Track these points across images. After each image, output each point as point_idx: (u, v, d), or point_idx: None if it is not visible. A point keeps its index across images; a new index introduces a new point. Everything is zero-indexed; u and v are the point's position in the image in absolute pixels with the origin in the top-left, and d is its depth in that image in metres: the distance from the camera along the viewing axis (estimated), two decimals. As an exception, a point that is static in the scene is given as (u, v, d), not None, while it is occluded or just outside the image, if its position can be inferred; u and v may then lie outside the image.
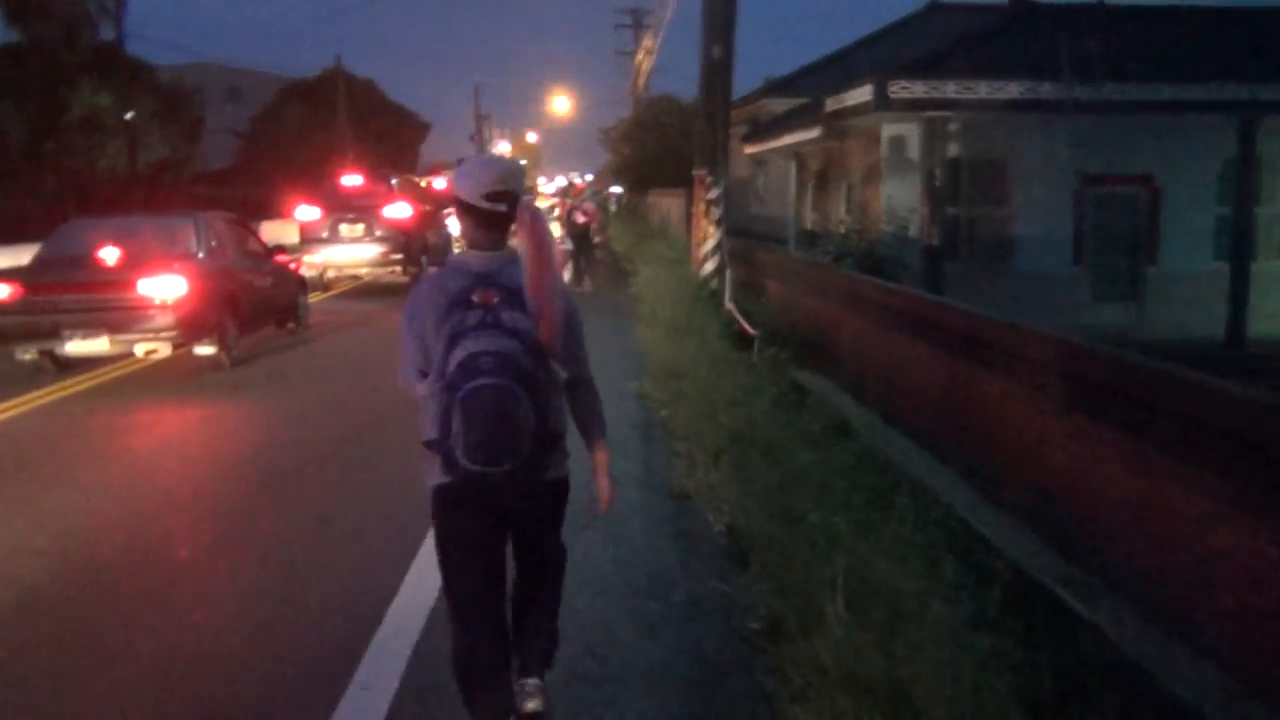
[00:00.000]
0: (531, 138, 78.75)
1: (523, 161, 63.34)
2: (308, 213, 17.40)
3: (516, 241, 2.92)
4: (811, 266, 12.43)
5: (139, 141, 35.55)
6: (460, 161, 4.80)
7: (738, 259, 14.75)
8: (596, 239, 21.21)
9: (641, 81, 45.04)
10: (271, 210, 33.20)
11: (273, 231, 27.21)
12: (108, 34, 34.32)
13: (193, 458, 7.25)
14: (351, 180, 18.03)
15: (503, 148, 67.51)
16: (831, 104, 16.10)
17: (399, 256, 17.10)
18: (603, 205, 31.16)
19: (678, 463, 6.72)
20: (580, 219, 19.01)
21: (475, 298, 2.77)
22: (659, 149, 39.01)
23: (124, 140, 34.12)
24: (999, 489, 6.58)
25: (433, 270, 3.14)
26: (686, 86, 50.16)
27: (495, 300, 2.77)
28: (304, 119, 49.46)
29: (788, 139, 19.66)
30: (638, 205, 43.18)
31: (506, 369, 2.68)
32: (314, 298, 16.75)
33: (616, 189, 51.22)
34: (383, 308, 15.71)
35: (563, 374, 2.99)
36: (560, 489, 3.07)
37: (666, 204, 32.01)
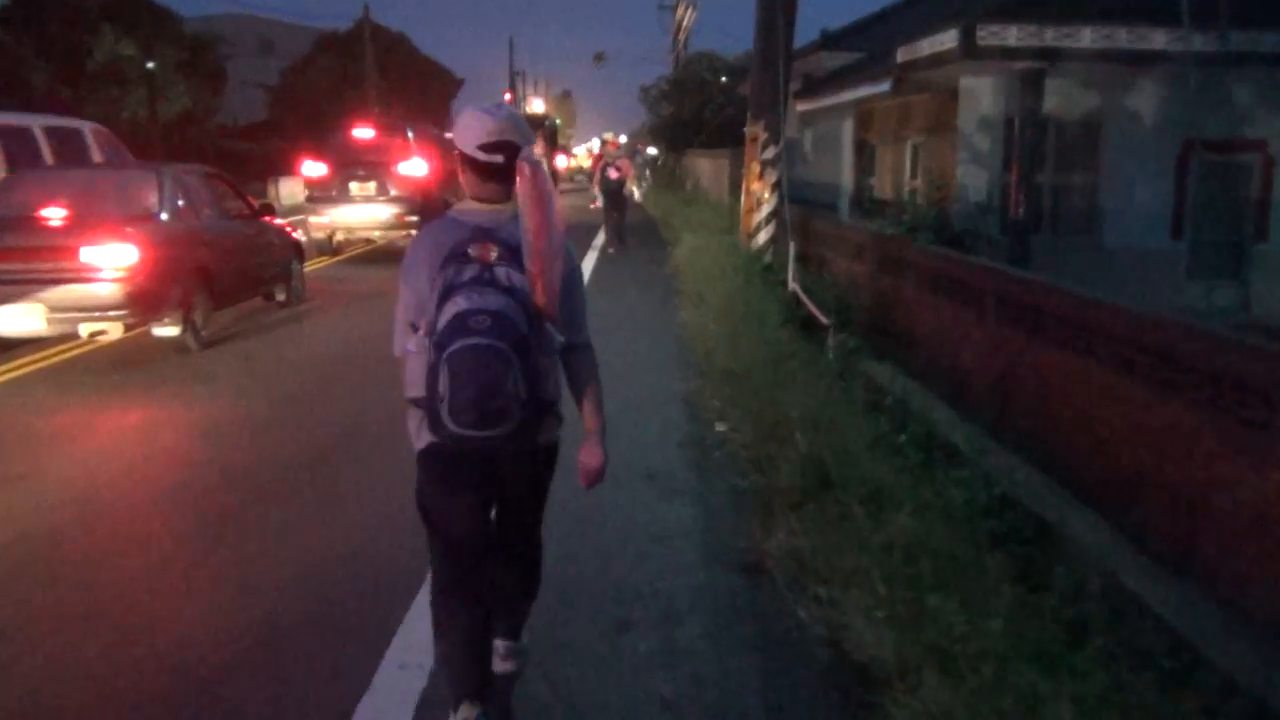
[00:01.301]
0: (567, 96, 76.49)
1: (558, 120, 61.43)
2: (314, 169, 15.66)
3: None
4: (886, 240, 10.60)
5: (162, 92, 34.16)
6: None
7: (791, 228, 12.91)
8: (636, 195, 19.71)
9: (683, 37, 43.07)
10: (294, 166, 31.71)
11: (290, 188, 25.66)
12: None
13: (105, 485, 5.48)
14: (363, 133, 16.19)
15: (537, 106, 65.46)
16: (905, 54, 14.15)
17: (415, 219, 15.27)
18: (643, 164, 29.47)
19: (747, 510, 5.01)
20: (614, 175, 17.39)
21: (472, 252, 2.63)
22: (699, 109, 37.14)
23: (146, 91, 32.70)
24: (1190, 560, 4.83)
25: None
26: (728, 45, 48.13)
27: (493, 256, 2.63)
28: (336, 73, 47.83)
29: (849, 94, 17.69)
30: (676, 167, 41.21)
31: (498, 330, 2.53)
32: (319, 263, 15.14)
33: (652, 150, 49.30)
34: (394, 277, 13.86)
35: (559, 338, 2.75)
36: (548, 454, 2.91)
37: (708, 166, 30.07)
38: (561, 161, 51.33)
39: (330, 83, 47.30)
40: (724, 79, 36.88)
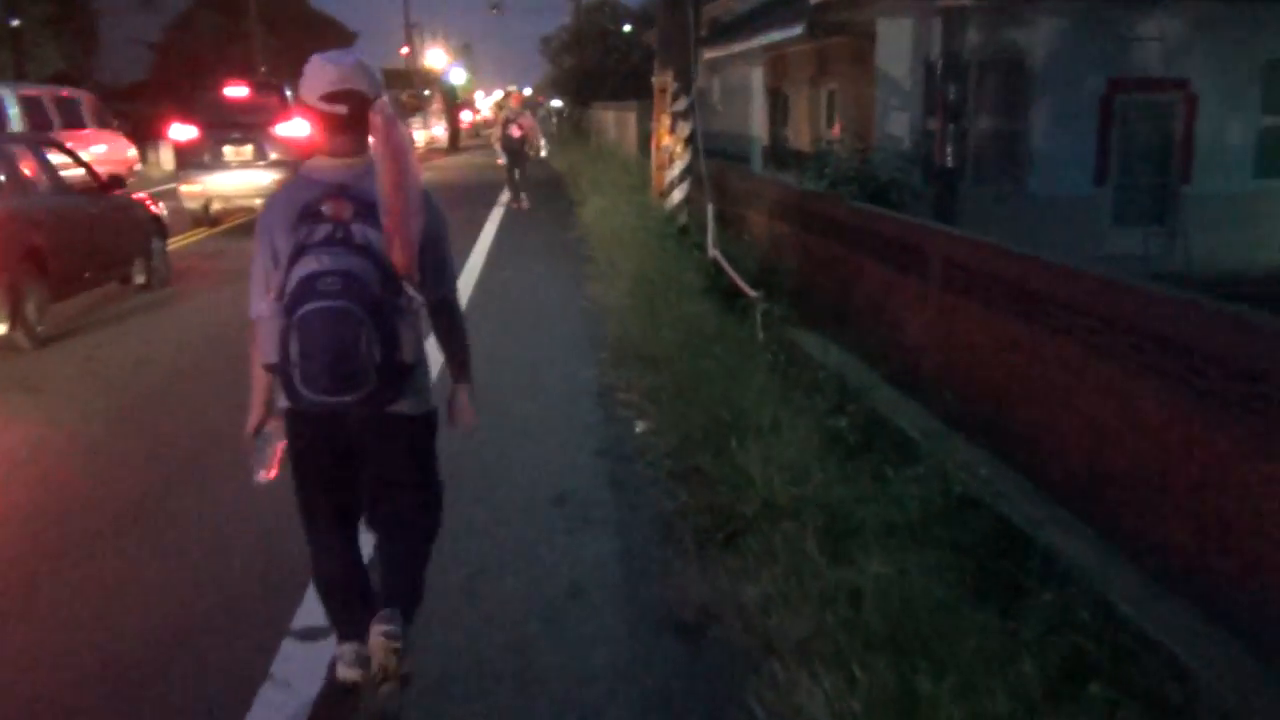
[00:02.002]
0: (467, 49, 74.07)
1: (459, 75, 59.40)
2: (183, 132, 14.24)
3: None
4: (814, 198, 9.77)
5: (29, 53, 31.86)
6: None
7: (708, 186, 11.99)
8: (542, 152, 18.81)
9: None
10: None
11: (169, 155, 23.95)
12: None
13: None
14: (238, 92, 14.75)
15: (435, 59, 63.15)
16: (820, -6, 13.29)
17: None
18: (545, 118, 28.29)
19: (677, 544, 4.14)
20: (515, 132, 16.36)
21: (325, 210, 2.52)
22: (601, 59, 36.04)
23: (11, 52, 30.43)
24: (1184, 580, 4.10)
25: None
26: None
27: (347, 214, 2.51)
28: (221, 28, 45.32)
29: (760, 39, 16.76)
30: (581, 120, 39.96)
31: (348, 291, 2.42)
32: (192, 237, 13.81)
33: (557, 103, 48.01)
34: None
35: (418, 299, 2.62)
36: (416, 426, 2.75)
37: (615, 119, 28.97)
38: (466, 117, 49.73)
39: (215, 39, 44.84)
40: (626, 27, 35.83)
